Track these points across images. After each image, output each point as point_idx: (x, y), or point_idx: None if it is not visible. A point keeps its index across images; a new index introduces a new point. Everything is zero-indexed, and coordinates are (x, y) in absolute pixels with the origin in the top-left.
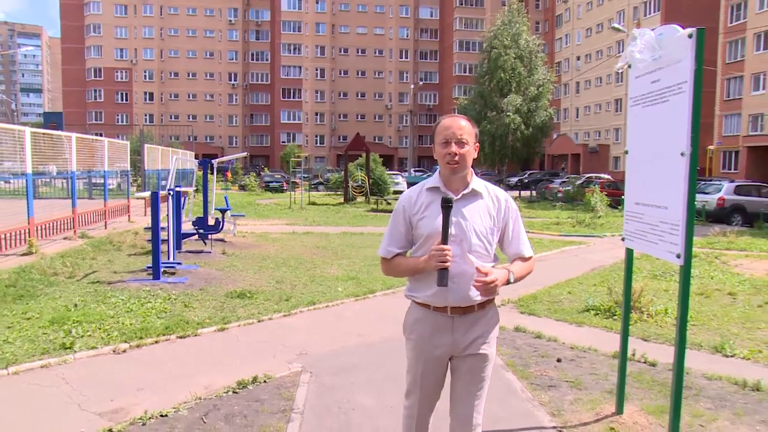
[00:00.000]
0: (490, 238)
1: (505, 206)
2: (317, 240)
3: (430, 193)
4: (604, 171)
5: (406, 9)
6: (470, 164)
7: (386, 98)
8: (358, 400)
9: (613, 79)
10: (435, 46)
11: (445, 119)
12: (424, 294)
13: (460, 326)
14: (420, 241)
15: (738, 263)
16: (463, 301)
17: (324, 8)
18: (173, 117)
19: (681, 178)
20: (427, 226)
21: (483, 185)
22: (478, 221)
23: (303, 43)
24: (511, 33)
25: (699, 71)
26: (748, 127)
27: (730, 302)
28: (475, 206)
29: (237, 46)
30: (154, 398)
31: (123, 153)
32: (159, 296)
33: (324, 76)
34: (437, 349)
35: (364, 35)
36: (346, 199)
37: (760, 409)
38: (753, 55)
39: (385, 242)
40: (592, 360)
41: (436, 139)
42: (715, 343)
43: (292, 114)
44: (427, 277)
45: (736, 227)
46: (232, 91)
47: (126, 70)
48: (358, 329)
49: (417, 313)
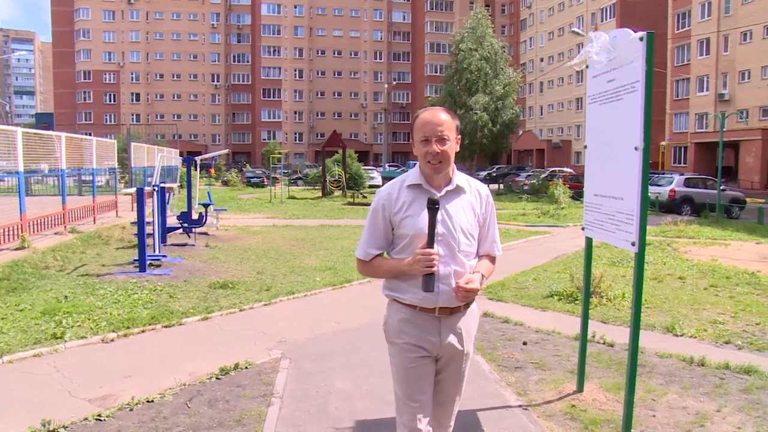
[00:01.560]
0: (475, 234)
1: (486, 201)
2: (296, 232)
3: (412, 190)
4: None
5: (379, 13)
6: (453, 160)
7: (361, 97)
8: (336, 385)
9: (574, 80)
10: (407, 47)
11: (424, 113)
12: (412, 296)
13: (446, 326)
14: (404, 242)
15: (687, 250)
16: (453, 302)
17: (302, 12)
18: (159, 116)
19: (635, 171)
20: (412, 226)
21: (465, 180)
22: (464, 218)
23: (282, 45)
24: (476, 36)
25: (650, 72)
26: (695, 125)
27: (680, 286)
28: (459, 203)
29: (219, 49)
30: (141, 385)
31: (111, 151)
32: (145, 288)
33: (302, 76)
34: (424, 351)
35: (340, 37)
36: (324, 193)
37: (704, 382)
38: (697, 60)
39: (363, 243)
40: (556, 342)
41: (414, 136)
42: (667, 324)
43: (272, 113)
44: (413, 278)
45: (685, 217)
46: (215, 92)
47: (114, 73)
48: (335, 317)
49: (401, 314)
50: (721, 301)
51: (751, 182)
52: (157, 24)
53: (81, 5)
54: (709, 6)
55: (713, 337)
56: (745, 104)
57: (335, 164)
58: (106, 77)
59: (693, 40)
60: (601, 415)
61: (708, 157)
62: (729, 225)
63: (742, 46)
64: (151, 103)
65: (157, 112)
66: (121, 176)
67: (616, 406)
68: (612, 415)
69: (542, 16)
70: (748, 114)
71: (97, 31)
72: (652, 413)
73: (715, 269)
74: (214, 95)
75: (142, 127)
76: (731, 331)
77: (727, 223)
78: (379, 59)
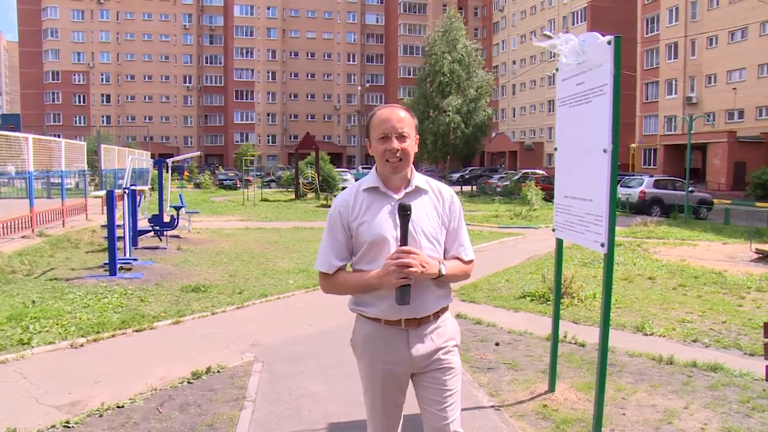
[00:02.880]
0: (439, 238)
1: (450, 203)
2: (269, 235)
3: (369, 194)
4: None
5: (353, 15)
6: (412, 160)
7: (335, 99)
8: (309, 387)
9: (546, 82)
10: (380, 50)
11: (382, 110)
12: (375, 308)
13: (416, 339)
14: (362, 250)
15: (657, 250)
16: (419, 312)
17: (275, 14)
18: (130, 118)
19: (604, 173)
20: (369, 232)
21: (425, 181)
22: (426, 221)
23: (255, 47)
24: (449, 39)
25: (618, 75)
26: (664, 127)
27: (650, 286)
28: (420, 204)
29: (191, 50)
30: (110, 390)
31: (80, 153)
32: (115, 292)
33: (275, 78)
34: (394, 366)
35: (314, 39)
36: (297, 196)
37: (672, 380)
38: (666, 63)
39: (324, 254)
40: (528, 343)
41: (371, 133)
42: (637, 324)
43: (245, 115)
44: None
45: (655, 218)
46: (187, 93)
47: (83, 73)
48: (308, 319)
49: (366, 329)
50: (689, 301)
51: (718, 184)
52: (127, 24)
53: (48, 4)
54: (676, 11)
55: (681, 335)
56: (711, 107)
57: (308, 166)
58: (75, 78)
59: (661, 44)
60: (572, 415)
61: (677, 159)
62: (697, 225)
63: (708, 50)
64: (122, 105)
65: (128, 114)
66: (91, 179)
67: (587, 405)
68: (583, 414)
69: (514, 19)
70: (715, 117)
71: (65, 31)
72: (622, 412)
73: (684, 269)
74: (186, 97)
75: (113, 129)
76: (699, 329)
77: (695, 224)
78: (353, 61)
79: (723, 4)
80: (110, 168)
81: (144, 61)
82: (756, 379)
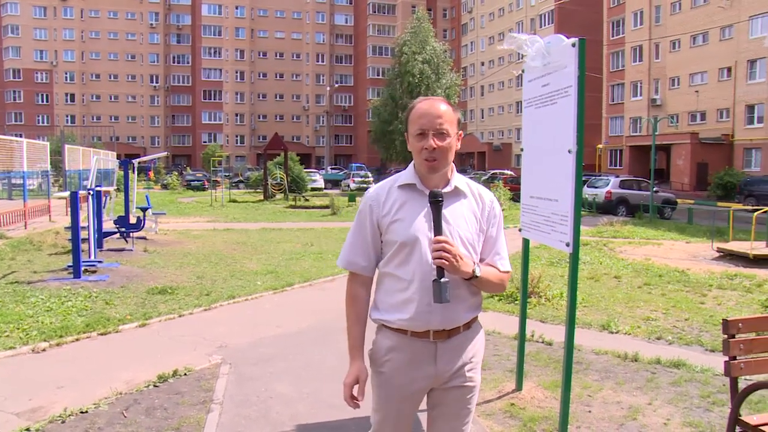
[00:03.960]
0: (476, 246)
1: (490, 208)
2: (237, 236)
3: (404, 191)
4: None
5: (322, 15)
6: (452, 159)
7: (303, 100)
8: (277, 389)
9: (514, 84)
10: (350, 50)
11: (421, 103)
12: (399, 317)
13: (444, 353)
14: (392, 251)
15: (623, 249)
16: (449, 323)
17: (243, 13)
18: (95, 118)
19: (569, 174)
20: (402, 232)
21: (465, 183)
22: (463, 226)
23: (223, 46)
24: (418, 40)
25: (582, 77)
26: (630, 128)
27: (615, 285)
28: (458, 208)
29: (158, 49)
30: (74, 395)
31: (43, 153)
32: (80, 294)
33: (243, 78)
34: (416, 382)
35: (282, 39)
36: (266, 197)
37: (637, 377)
38: (631, 66)
39: (346, 250)
40: (496, 342)
41: (409, 128)
42: (603, 322)
43: (213, 115)
44: (402, 294)
45: (621, 217)
46: (154, 93)
47: (46, 72)
48: (276, 321)
49: (390, 341)
50: (653, 299)
51: (682, 184)
52: (92, 22)
53: (8, 0)
54: (641, 15)
55: (646, 333)
56: (675, 109)
57: (277, 167)
58: (37, 76)
59: (627, 47)
60: (539, 413)
61: (642, 160)
62: (662, 225)
63: (671, 54)
64: (87, 104)
65: (94, 114)
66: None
67: (553, 403)
68: (550, 412)
69: (483, 21)
70: (678, 119)
71: (26, 28)
72: (588, 409)
73: (649, 268)
74: (153, 96)
75: (78, 129)
76: (662, 327)
77: (659, 224)
78: (322, 62)
79: (685, 9)
80: (75, 169)
81: (110, 60)
82: (716, 374)
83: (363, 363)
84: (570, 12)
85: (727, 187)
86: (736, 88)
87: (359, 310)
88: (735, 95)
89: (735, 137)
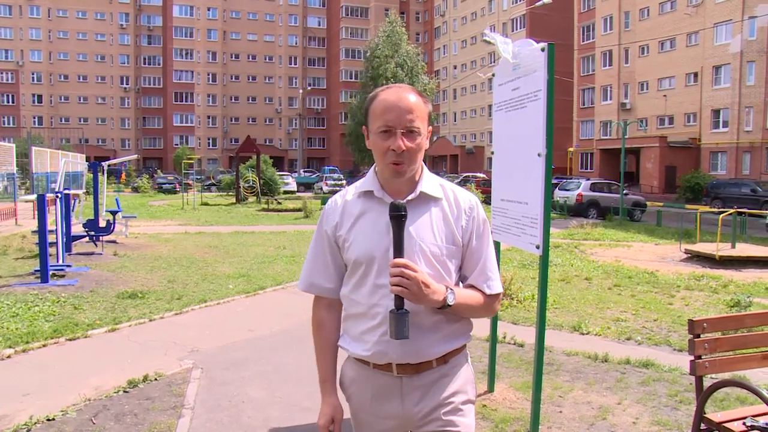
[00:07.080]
0: (449, 264)
1: (468, 215)
2: (209, 239)
3: (363, 199)
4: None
5: (294, 18)
6: (421, 159)
7: (276, 102)
8: (248, 393)
9: (486, 87)
10: (322, 53)
11: (386, 93)
12: (360, 346)
13: (411, 390)
14: (348, 270)
15: (593, 251)
16: (415, 356)
17: (215, 15)
18: (64, 120)
19: (539, 177)
20: (356, 249)
21: (438, 185)
22: (431, 240)
23: (195, 48)
24: (391, 43)
25: (551, 81)
26: (600, 132)
27: (586, 286)
28: (426, 218)
29: (129, 50)
30: (40, 402)
31: (9, 156)
32: (47, 299)
33: (216, 80)
34: (383, 421)
35: (255, 42)
36: (238, 200)
37: (607, 377)
38: (601, 70)
39: (306, 271)
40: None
41: (371, 123)
42: (574, 323)
43: (185, 117)
44: (363, 321)
45: (592, 220)
46: (125, 95)
47: (12, 72)
48: (248, 324)
49: (352, 371)
50: (623, 300)
51: (651, 186)
52: (60, 22)
53: None
54: (611, 20)
55: (616, 334)
56: (644, 113)
57: (249, 170)
58: (3, 77)
59: (597, 52)
60: (511, 414)
61: (612, 163)
62: (631, 227)
63: (640, 59)
64: (55, 106)
65: (62, 115)
66: (22, 182)
67: (525, 404)
68: (521, 413)
69: (455, 24)
70: (647, 122)
71: None
72: (559, 409)
73: (619, 270)
74: (124, 98)
75: (45, 131)
76: (632, 327)
77: (629, 226)
78: (294, 64)
79: (653, 15)
80: (42, 171)
81: (79, 61)
82: (683, 373)
83: (336, 399)
84: (541, 17)
85: (695, 189)
86: (702, 93)
87: (326, 338)
88: (701, 100)
89: (702, 141)
